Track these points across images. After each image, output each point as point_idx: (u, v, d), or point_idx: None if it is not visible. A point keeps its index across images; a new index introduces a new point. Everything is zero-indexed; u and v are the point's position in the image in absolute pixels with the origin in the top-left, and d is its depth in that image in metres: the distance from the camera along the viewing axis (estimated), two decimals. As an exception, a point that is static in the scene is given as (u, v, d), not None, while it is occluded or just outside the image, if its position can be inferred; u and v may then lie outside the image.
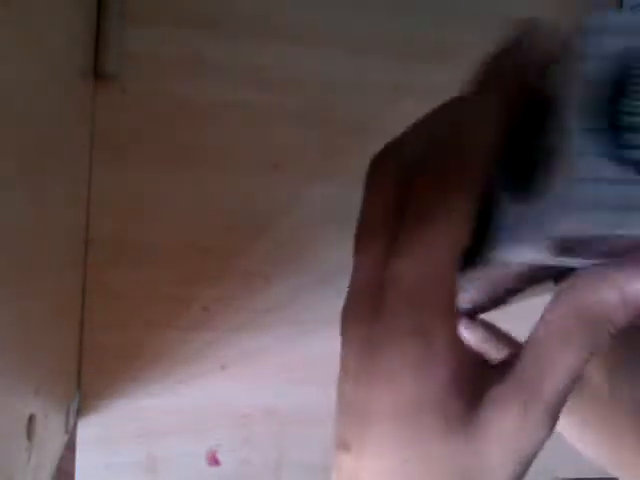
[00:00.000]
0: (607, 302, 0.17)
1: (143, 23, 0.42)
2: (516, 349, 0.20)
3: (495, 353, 0.30)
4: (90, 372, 0.40)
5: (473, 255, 0.20)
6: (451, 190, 0.18)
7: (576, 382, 0.19)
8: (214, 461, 0.42)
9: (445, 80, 0.48)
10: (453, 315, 0.19)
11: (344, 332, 0.20)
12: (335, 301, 0.19)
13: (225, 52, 0.43)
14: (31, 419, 0.26)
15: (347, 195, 0.45)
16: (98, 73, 0.40)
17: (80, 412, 0.40)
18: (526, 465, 0.19)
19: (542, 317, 0.19)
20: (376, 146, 0.20)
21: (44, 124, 0.27)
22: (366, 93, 0.45)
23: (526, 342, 0.19)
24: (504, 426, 0.18)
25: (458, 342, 0.19)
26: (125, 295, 0.41)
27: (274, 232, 0.43)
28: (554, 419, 0.18)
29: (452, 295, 0.18)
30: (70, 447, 0.39)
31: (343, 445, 0.19)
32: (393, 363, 0.18)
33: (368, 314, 0.19)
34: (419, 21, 0.47)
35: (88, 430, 0.40)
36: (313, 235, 0.43)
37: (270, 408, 0.43)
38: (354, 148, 0.44)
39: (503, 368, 0.19)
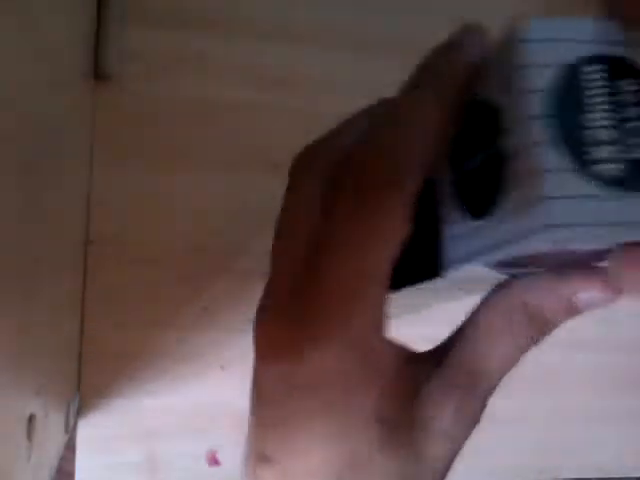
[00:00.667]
0: (552, 304, 0.18)
1: (143, 23, 0.42)
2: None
3: None
4: (90, 372, 0.40)
5: (419, 266, 0.20)
6: (384, 190, 0.17)
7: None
8: (214, 461, 0.41)
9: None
10: (383, 319, 0.18)
11: (257, 344, 0.18)
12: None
13: (225, 52, 0.43)
14: (31, 419, 0.26)
15: (347, 195, 0.45)
16: (98, 73, 0.40)
17: (80, 412, 0.40)
18: (457, 454, 0.18)
19: (478, 312, 0.19)
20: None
21: (44, 124, 0.27)
22: (366, 93, 0.45)
23: (460, 333, 0.19)
24: (443, 419, 0.18)
25: (387, 340, 0.18)
26: (125, 295, 0.41)
27: (274, 232, 0.43)
28: (483, 409, 0.18)
29: (383, 297, 0.17)
30: (70, 447, 0.39)
31: (263, 458, 0.18)
32: (316, 370, 0.17)
33: (289, 324, 0.17)
34: (419, 21, 0.47)
35: (88, 430, 0.40)
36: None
37: (270, 408, 0.42)
38: (354, 148, 0.44)
39: (435, 359, 0.19)
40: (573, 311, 0.18)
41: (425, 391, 0.18)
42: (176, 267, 0.42)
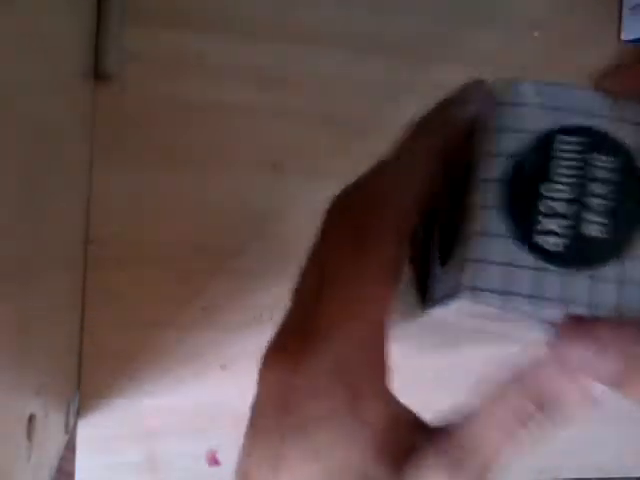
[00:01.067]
0: (563, 391, 0.17)
1: (143, 23, 0.42)
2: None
3: None
4: (90, 372, 0.40)
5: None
6: (371, 236, 0.18)
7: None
8: (214, 461, 0.41)
9: (445, 80, 0.48)
10: (383, 365, 0.17)
11: (259, 380, 0.19)
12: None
13: (225, 52, 0.43)
14: (31, 419, 0.26)
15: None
16: (98, 73, 0.40)
17: (80, 412, 0.40)
18: None
19: (488, 398, 0.18)
20: (376, 146, 0.20)
21: (44, 124, 0.27)
22: (366, 93, 0.45)
23: (467, 417, 0.18)
24: None
25: (388, 397, 0.18)
26: (125, 295, 0.41)
27: (273, 232, 0.43)
28: None
29: (383, 342, 0.17)
30: (70, 447, 0.39)
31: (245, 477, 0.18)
32: (308, 416, 0.17)
33: (286, 363, 0.18)
34: (419, 21, 0.47)
35: (88, 430, 0.40)
36: (313, 235, 0.43)
37: (270, 408, 0.42)
38: (354, 148, 0.44)
39: (436, 433, 0.18)
40: (587, 395, 0.17)
41: (417, 458, 0.17)
42: (176, 267, 0.42)
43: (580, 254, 0.16)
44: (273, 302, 0.43)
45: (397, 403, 0.18)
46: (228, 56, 0.43)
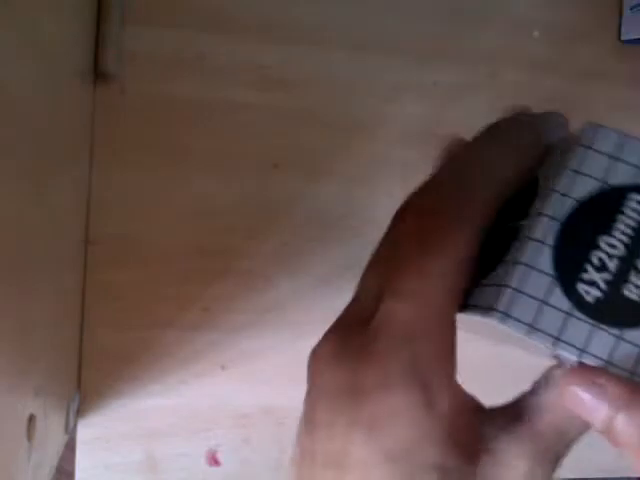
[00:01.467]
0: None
1: (143, 23, 0.42)
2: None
3: None
4: (90, 372, 0.40)
5: None
6: (445, 231, 0.18)
7: None
8: (214, 461, 0.41)
9: (445, 80, 0.48)
10: (452, 356, 0.17)
11: (315, 373, 0.18)
12: (335, 302, 0.19)
13: (225, 52, 0.43)
14: (31, 419, 0.26)
15: (347, 195, 0.45)
16: (98, 73, 0.40)
17: (80, 412, 0.40)
18: None
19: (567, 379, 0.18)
20: (376, 146, 0.20)
21: (44, 124, 0.27)
22: (366, 93, 0.45)
23: (541, 399, 0.18)
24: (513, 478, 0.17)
25: (456, 386, 0.18)
26: (125, 295, 0.41)
27: (274, 232, 0.43)
28: (554, 471, 0.18)
29: (451, 334, 0.17)
30: (70, 447, 0.39)
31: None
32: (380, 410, 0.16)
33: (351, 355, 0.17)
34: (419, 21, 0.47)
35: (88, 430, 0.40)
36: (313, 235, 0.43)
37: (270, 408, 0.43)
38: (354, 148, 0.44)
39: (508, 418, 0.18)
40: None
41: (495, 446, 0.17)
42: (176, 267, 0.42)
43: (614, 312, 0.16)
44: (273, 302, 0.43)
45: (463, 392, 0.18)
46: (228, 56, 0.43)
